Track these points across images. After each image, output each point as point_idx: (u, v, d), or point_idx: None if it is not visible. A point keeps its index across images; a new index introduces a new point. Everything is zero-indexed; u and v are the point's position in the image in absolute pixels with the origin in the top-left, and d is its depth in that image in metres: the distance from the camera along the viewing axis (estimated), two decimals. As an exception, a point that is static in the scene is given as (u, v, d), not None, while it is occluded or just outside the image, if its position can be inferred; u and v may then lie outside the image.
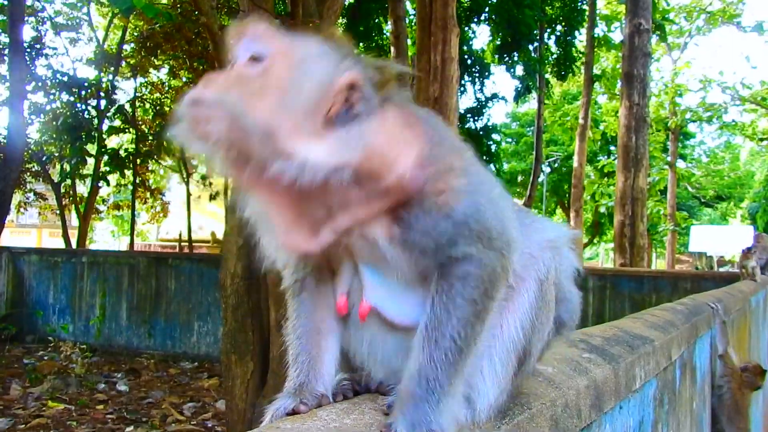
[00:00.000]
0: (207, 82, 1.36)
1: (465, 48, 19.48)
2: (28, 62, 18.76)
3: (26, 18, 18.34)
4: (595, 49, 25.62)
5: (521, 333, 1.52)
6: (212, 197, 21.28)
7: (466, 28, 20.56)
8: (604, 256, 54.82)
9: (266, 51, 1.39)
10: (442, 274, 1.39)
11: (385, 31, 18.96)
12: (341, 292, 1.54)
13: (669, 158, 36.54)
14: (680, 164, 39.42)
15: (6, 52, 16.12)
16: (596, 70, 27.73)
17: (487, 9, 19.85)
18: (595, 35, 24.81)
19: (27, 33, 19.26)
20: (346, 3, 19.98)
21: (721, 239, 35.98)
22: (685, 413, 3.56)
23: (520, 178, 39.78)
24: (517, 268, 1.50)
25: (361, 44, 19.27)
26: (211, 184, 21.37)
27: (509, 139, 43.39)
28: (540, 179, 37.65)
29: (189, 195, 21.29)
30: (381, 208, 1.39)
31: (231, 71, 1.41)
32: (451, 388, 1.37)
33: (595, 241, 42.00)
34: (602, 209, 33.94)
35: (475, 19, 20.28)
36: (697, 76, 35.36)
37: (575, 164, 25.29)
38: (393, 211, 1.39)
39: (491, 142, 20.90)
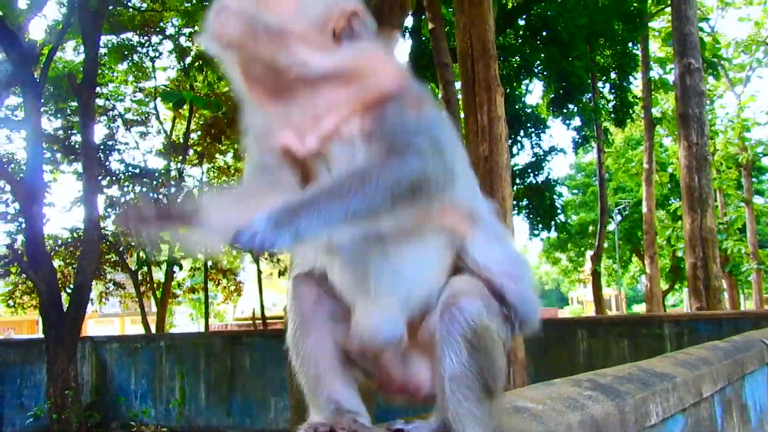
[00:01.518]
0: None
1: (518, 105, 19.62)
2: (102, 158, 19.82)
3: (99, 117, 19.47)
4: (653, 92, 25.37)
5: (478, 374, 1.57)
6: (282, 273, 21.66)
7: (519, 85, 20.75)
8: (688, 301, 52.94)
9: None
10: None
11: (437, 97, 19.27)
12: None
13: (744, 195, 35.40)
14: (758, 200, 38.07)
15: (81, 151, 17.04)
16: (656, 113, 27.40)
17: (537, 64, 20.01)
18: (651, 78, 24.61)
19: (100, 131, 20.45)
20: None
21: (813, 273, 34.35)
22: (735, 452, 3.43)
23: (591, 229, 39.08)
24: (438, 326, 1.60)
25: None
26: (279, 261, 21.80)
27: (576, 190, 42.88)
28: (611, 228, 36.95)
29: (260, 273, 21.75)
30: (362, 105, 1.58)
31: None
32: None
33: (676, 287, 40.68)
34: (679, 253, 32.98)
35: (526, 75, 20.44)
36: (764, 108, 34.56)
37: (644, 210, 24.83)
38: (369, 108, 1.58)
39: (554, 195, 20.77)
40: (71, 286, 17.43)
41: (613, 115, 22.44)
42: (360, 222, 1.46)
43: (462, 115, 15.56)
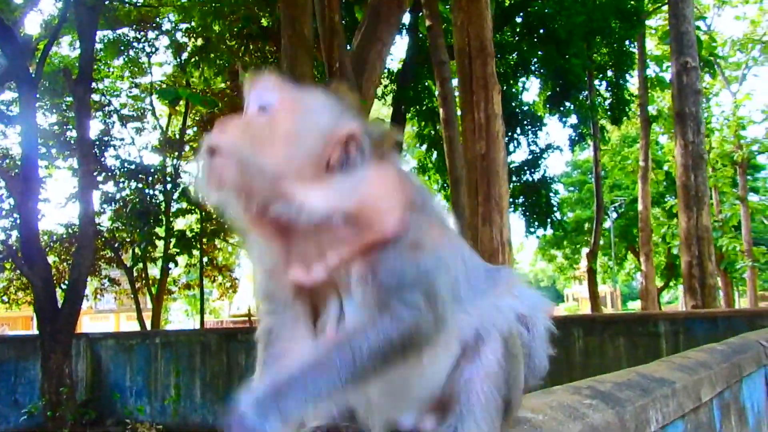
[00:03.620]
0: (221, 129, 1.52)
1: (515, 102, 19.61)
2: (98, 154, 19.75)
3: (94, 113, 19.41)
4: (649, 90, 25.41)
5: (497, 393, 1.58)
6: (278, 270, 21.61)
7: (516, 83, 20.73)
8: (683, 299, 53.06)
9: (273, 102, 1.56)
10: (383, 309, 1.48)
11: (434, 94, 19.25)
12: (330, 326, 1.59)
13: (740, 192, 35.48)
14: (753, 197, 38.15)
15: (76, 146, 17.00)
16: (652, 111, 27.44)
17: (534, 61, 19.99)
18: (647, 76, 24.64)
19: (96, 127, 20.37)
20: (395, 69, 20.47)
21: (807, 271, 34.51)
22: (734, 455, 3.43)
23: (586, 226, 39.13)
24: (478, 329, 1.61)
25: (412, 108, 19.61)
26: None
27: (572, 188, 42.93)
28: (607, 225, 36.99)
29: (256, 269, 21.68)
30: (361, 248, 1.52)
31: (243, 119, 1.57)
32: None
33: (671, 284, 40.77)
34: (675, 251, 33.05)
35: (523, 73, 20.42)
36: (760, 106, 34.67)
37: (640, 207, 24.89)
38: (368, 252, 1.52)
39: (551, 193, 20.77)
40: (66, 282, 17.40)
41: (609, 113, 22.44)
42: (349, 388, 1.44)
43: (459, 112, 15.56)
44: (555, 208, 21.10)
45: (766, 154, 37.99)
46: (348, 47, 10.62)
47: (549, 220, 20.33)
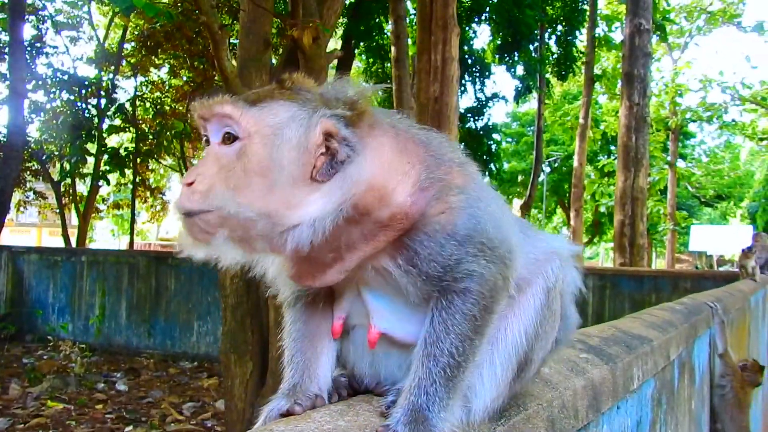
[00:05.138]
0: (190, 179, 1.36)
1: (465, 48, 19.46)
2: (29, 61, 18.73)
3: (27, 16, 18.35)
4: (596, 49, 25.63)
5: (524, 338, 1.50)
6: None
7: (467, 28, 20.54)
8: (604, 255, 54.85)
9: (238, 129, 1.37)
10: (443, 290, 1.37)
11: (386, 31, 18.94)
12: (339, 315, 1.53)
13: (669, 158, 36.52)
14: (680, 164, 39.42)
15: (6, 50, 16.11)
16: (597, 70, 27.73)
17: (487, 9, 19.82)
18: (596, 35, 24.81)
19: (28, 31, 19.25)
20: (347, 2, 19.98)
21: (721, 239, 35.92)
22: (683, 412, 3.57)
23: (520, 178, 39.78)
24: (523, 273, 1.50)
25: (361, 44, 19.25)
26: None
27: (510, 139, 43.40)
28: (540, 179, 37.67)
29: (189, 194, 21.25)
30: (386, 239, 1.38)
31: (208, 156, 1.39)
32: (450, 400, 1.36)
33: (595, 240, 42.02)
34: (602, 209, 33.98)
35: (476, 19, 20.26)
36: (698, 76, 35.39)
37: (575, 164, 25.33)
38: (399, 240, 1.39)
39: (491, 142, 20.91)
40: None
41: (556, 68, 22.59)
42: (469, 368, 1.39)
43: (411, 52, 15.36)
44: (495, 158, 21.30)
45: (698, 123, 39.06)
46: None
47: (488, 169, 20.50)
